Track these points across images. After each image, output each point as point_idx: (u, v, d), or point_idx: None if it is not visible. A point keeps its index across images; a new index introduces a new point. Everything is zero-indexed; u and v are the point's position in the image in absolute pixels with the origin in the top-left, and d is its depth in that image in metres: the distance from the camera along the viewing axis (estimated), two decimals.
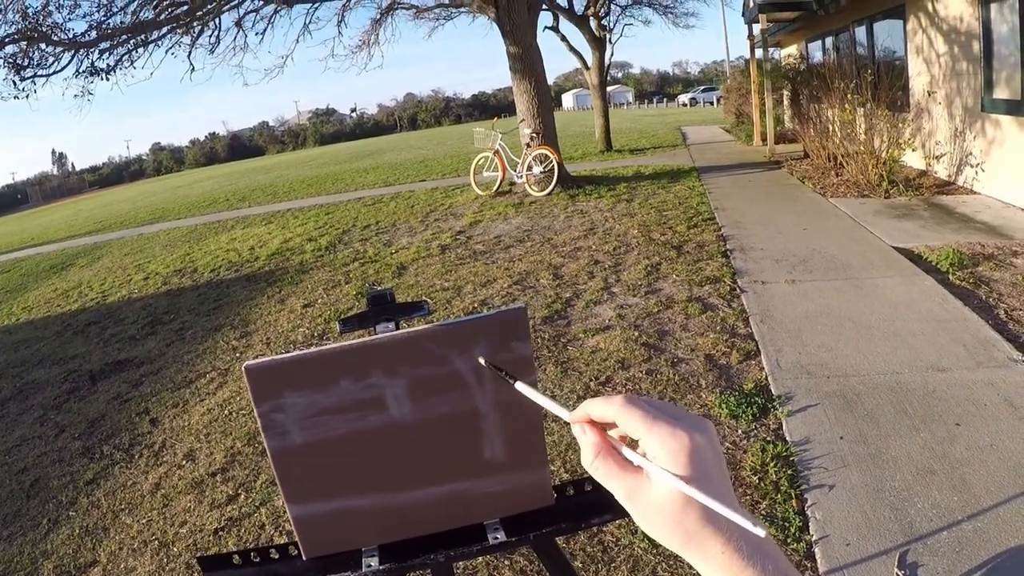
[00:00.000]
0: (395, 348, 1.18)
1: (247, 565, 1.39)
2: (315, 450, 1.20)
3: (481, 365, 1.19)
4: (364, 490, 1.25)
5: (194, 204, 23.83)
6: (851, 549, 2.98)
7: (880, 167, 10.04)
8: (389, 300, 1.28)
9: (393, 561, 1.29)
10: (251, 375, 1.15)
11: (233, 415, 5.40)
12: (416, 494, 1.27)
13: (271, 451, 1.20)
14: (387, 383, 1.19)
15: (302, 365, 1.16)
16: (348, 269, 9.51)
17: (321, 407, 1.18)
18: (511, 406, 1.24)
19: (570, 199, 12.41)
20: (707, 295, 6.31)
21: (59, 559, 3.96)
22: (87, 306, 10.20)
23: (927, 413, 3.93)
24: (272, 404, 1.17)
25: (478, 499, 1.30)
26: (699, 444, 0.61)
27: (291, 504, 1.24)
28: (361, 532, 1.29)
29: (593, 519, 1.36)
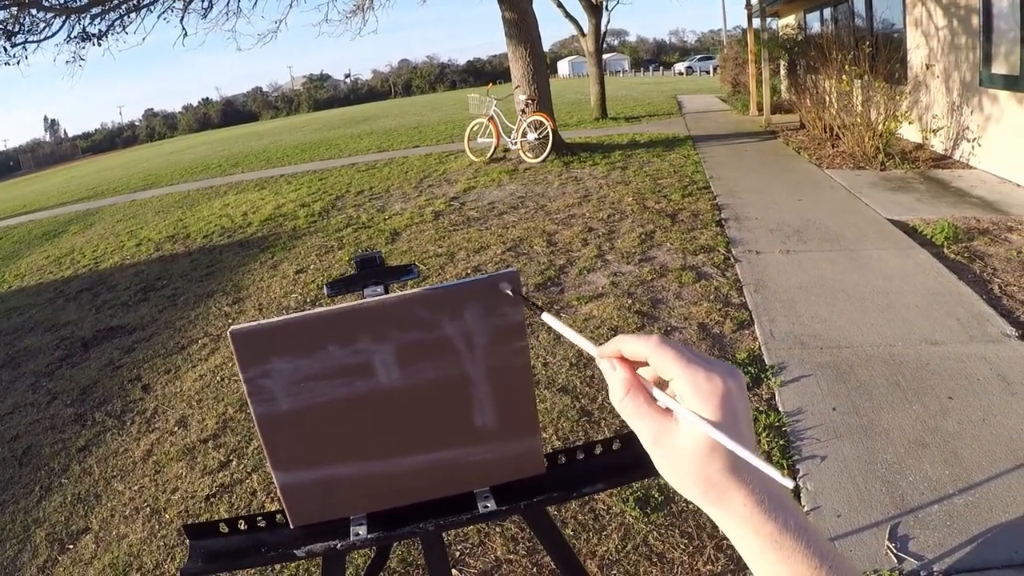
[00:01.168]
0: (384, 313, 1.15)
1: (234, 533, 1.38)
2: (302, 417, 1.18)
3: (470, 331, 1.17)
4: (352, 458, 1.23)
5: (187, 170, 23.69)
6: (842, 521, 2.98)
7: (876, 139, 10.01)
8: (378, 263, 1.26)
9: (381, 530, 1.28)
10: (237, 340, 1.13)
11: (225, 381, 5.39)
12: (405, 462, 1.25)
13: (257, 418, 1.18)
14: (375, 348, 1.16)
15: (289, 330, 1.13)
16: (341, 235, 9.47)
17: (308, 373, 1.16)
18: (502, 372, 1.22)
19: (565, 166, 12.36)
20: (701, 264, 6.29)
21: (51, 526, 3.97)
22: (79, 273, 10.15)
23: (920, 386, 3.93)
24: (258, 370, 1.15)
25: (468, 467, 1.28)
26: (731, 390, 0.60)
27: (277, 472, 1.22)
28: (349, 500, 1.28)
29: (584, 488, 1.35)
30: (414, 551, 3.21)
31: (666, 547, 3.01)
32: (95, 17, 13.06)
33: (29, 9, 12.26)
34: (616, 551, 3.02)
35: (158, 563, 3.47)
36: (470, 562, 3.11)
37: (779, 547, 0.58)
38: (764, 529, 0.58)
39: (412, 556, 3.18)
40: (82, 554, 3.67)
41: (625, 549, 3.02)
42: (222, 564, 1.35)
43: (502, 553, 3.12)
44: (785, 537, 0.58)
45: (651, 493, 3.34)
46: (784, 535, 0.58)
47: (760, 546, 0.59)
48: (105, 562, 3.55)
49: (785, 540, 0.58)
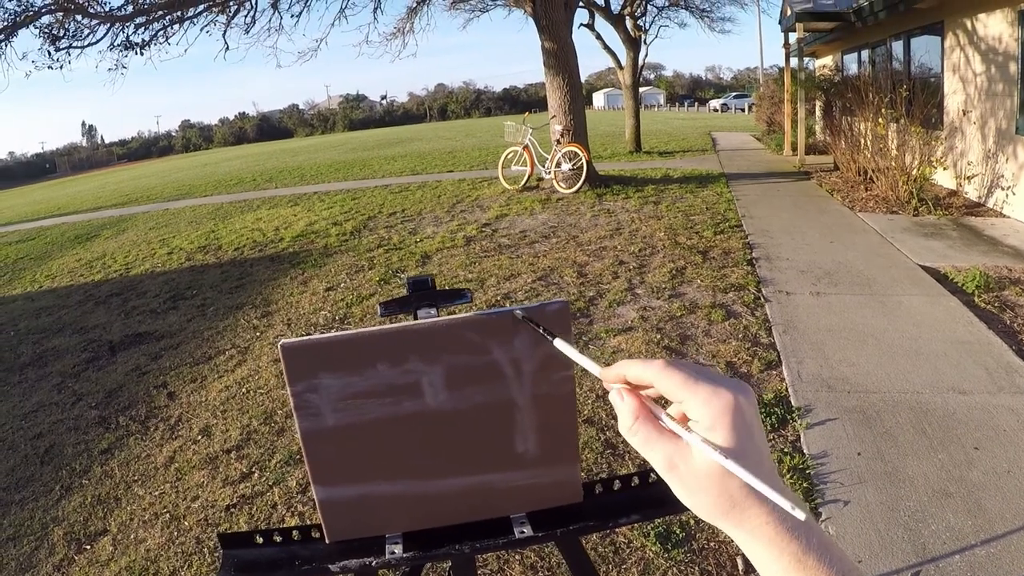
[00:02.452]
0: (435, 335, 1.16)
1: (268, 545, 1.38)
2: (346, 433, 1.19)
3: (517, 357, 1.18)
4: (392, 476, 1.24)
5: (221, 182, 23.94)
6: (863, 567, 2.95)
7: (910, 184, 9.96)
8: (430, 286, 1.27)
9: (417, 549, 1.28)
10: (287, 354, 1.14)
11: (251, 393, 5.42)
12: (445, 483, 1.26)
13: (302, 432, 1.19)
14: (424, 369, 1.17)
15: (339, 346, 1.15)
16: (372, 255, 9.52)
17: (356, 390, 1.17)
18: (547, 400, 1.22)
19: (597, 198, 12.38)
20: (731, 302, 6.28)
21: (69, 526, 4.00)
22: (110, 277, 10.27)
23: (946, 435, 3.90)
24: (306, 384, 1.16)
25: (506, 492, 1.28)
26: (742, 405, 0.60)
27: (318, 486, 1.23)
28: (386, 518, 1.28)
29: (621, 519, 1.34)
30: (432, 574, 3.20)
31: None
32: (139, 26, 13.24)
33: (75, 15, 12.47)
34: None
35: (175, 570, 3.49)
36: None
37: (803, 567, 0.57)
38: (788, 548, 0.58)
39: None
40: (99, 555, 3.69)
41: None
42: (255, 575, 1.36)
43: None
44: (809, 557, 0.57)
45: (672, 528, 3.32)
46: (808, 555, 0.57)
47: (783, 566, 0.58)
48: (122, 565, 3.57)
49: (809, 560, 0.57)
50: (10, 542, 3.92)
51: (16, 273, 11.79)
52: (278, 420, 4.92)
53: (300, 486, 4.06)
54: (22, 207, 27.07)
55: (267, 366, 5.91)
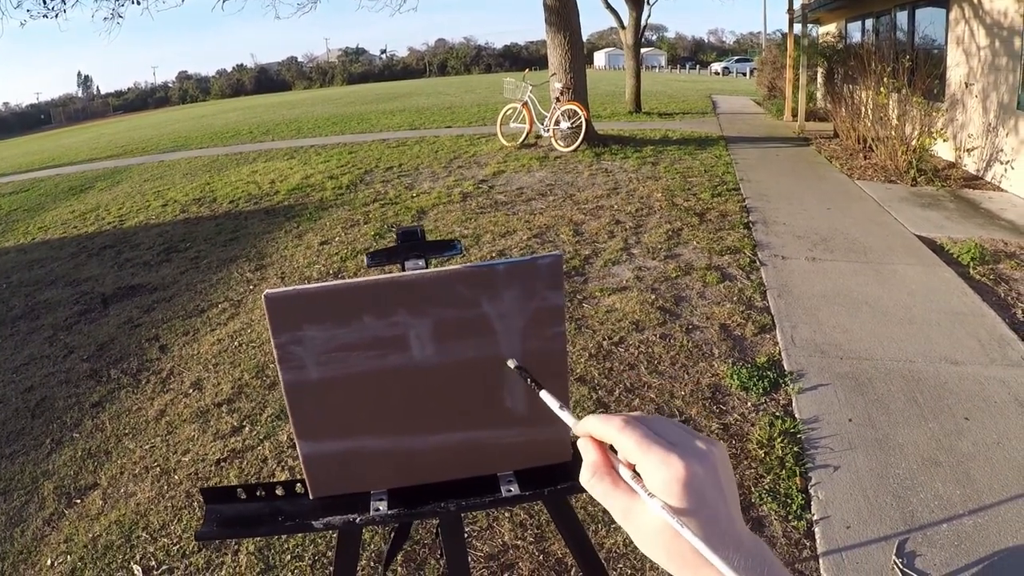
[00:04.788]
0: (423, 287, 1.14)
1: (251, 500, 1.37)
2: (331, 387, 1.17)
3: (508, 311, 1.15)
4: (378, 432, 1.22)
5: (217, 134, 23.73)
6: (851, 532, 2.97)
7: (909, 154, 9.91)
8: (419, 237, 1.24)
9: (402, 507, 1.27)
10: (271, 304, 1.11)
11: (243, 347, 5.41)
12: (431, 439, 1.24)
13: (285, 385, 1.17)
14: (411, 322, 1.15)
15: (324, 297, 1.12)
16: (368, 209, 9.47)
17: (341, 342, 1.14)
18: (537, 356, 1.20)
19: (595, 157, 12.30)
20: (726, 265, 6.26)
21: (60, 479, 3.99)
22: (104, 229, 10.21)
23: (937, 404, 3.90)
24: (290, 336, 1.14)
25: (494, 449, 1.27)
26: (695, 473, 0.59)
27: (301, 441, 1.21)
28: (371, 474, 1.27)
29: None
30: (421, 530, 3.21)
31: None
32: None
33: None
34: (624, 545, 3.02)
35: (165, 523, 3.49)
36: (477, 545, 3.11)
37: None
38: None
39: (419, 535, 3.19)
40: (89, 509, 3.69)
41: (631, 544, 3.01)
42: (237, 530, 1.35)
43: (510, 538, 3.12)
44: None
45: None
46: None
47: None
48: (112, 519, 3.57)
49: None
50: (0, 496, 3.92)
51: (9, 225, 11.70)
52: (270, 374, 4.91)
53: (291, 441, 4.05)
54: (16, 158, 26.82)
55: (260, 319, 5.89)
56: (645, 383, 4.35)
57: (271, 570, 3.08)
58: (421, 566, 3.03)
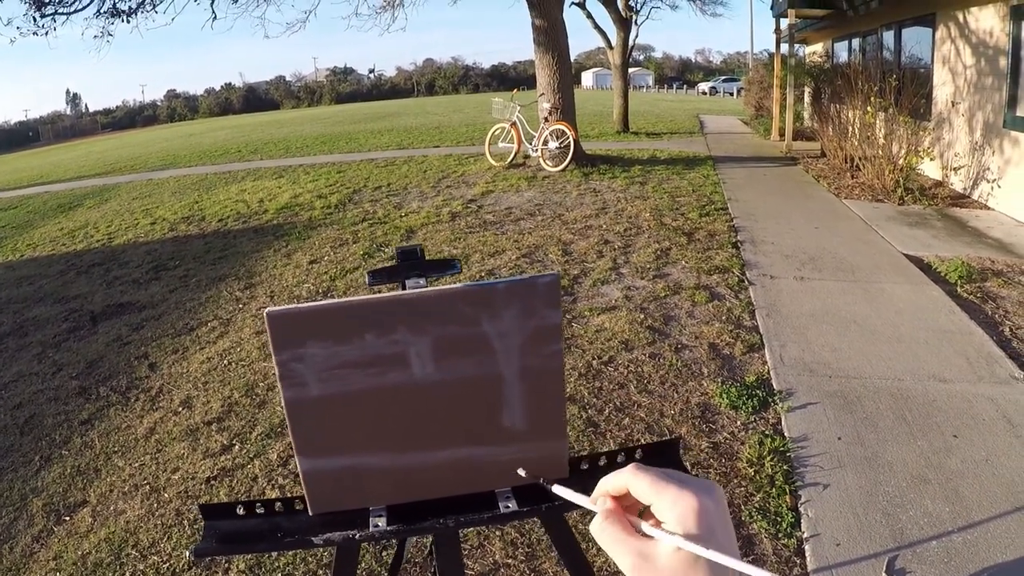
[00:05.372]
0: (423, 305, 1.15)
1: (250, 516, 1.37)
2: (332, 404, 1.18)
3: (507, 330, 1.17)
4: (377, 448, 1.23)
5: (206, 153, 23.73)
6: (841, 550, 2.98)
7: (896, 173, 9.98)
8: (419, 256, 1.26)
9: (401, 523, 1.27)
10: (273, 321, 1.12)
11: (232, 365, 5.40)
12: (430, 456, 1.25)
13: (286, 401, 1.18)
14: (412, 340, 1.16)
15: (326, 315, 1.13)
16: (356, 229, 9.48)
17: (342, 360, 1.15)
18: (535, 374, 1.21)
19: (584, 177, 12.35)
20: (715, 284, 6.29)
21: (49, 497, 3.98)
22: (92, 247, 10.19)
23: (925, 422, 3.92)
24: (292, 353, 1.15)
25: (492, 466, 1.27)
26: (706, 506, 0.62)
27: (301, 457, 1.22)
28: (370, 491, 1.27)
29: None
30: (412, 548, 3.20)
31: None
32: None
33: None
34: (613, 565, 3.01)
35: (154, 541, 3.47)
36: (469, 563, 3.11)
37: None
38: None
39: (409, 554, 3.18)
40: (78, 527, 3.68)
41: None
42: (236, 546, 1.35)
43: (500, 557, 3.12)
44: None
45: None
46: None
47: None
48: (101, 536, 3.56)
49: None
50: None
51: None
52: (259, 393, 4.91)
53: (281, 459, 4.05)
54: (4, 175, 26.73)
55: (249, 338, 5.88)
56: (635, 402, 4.37)
57: None
58: None
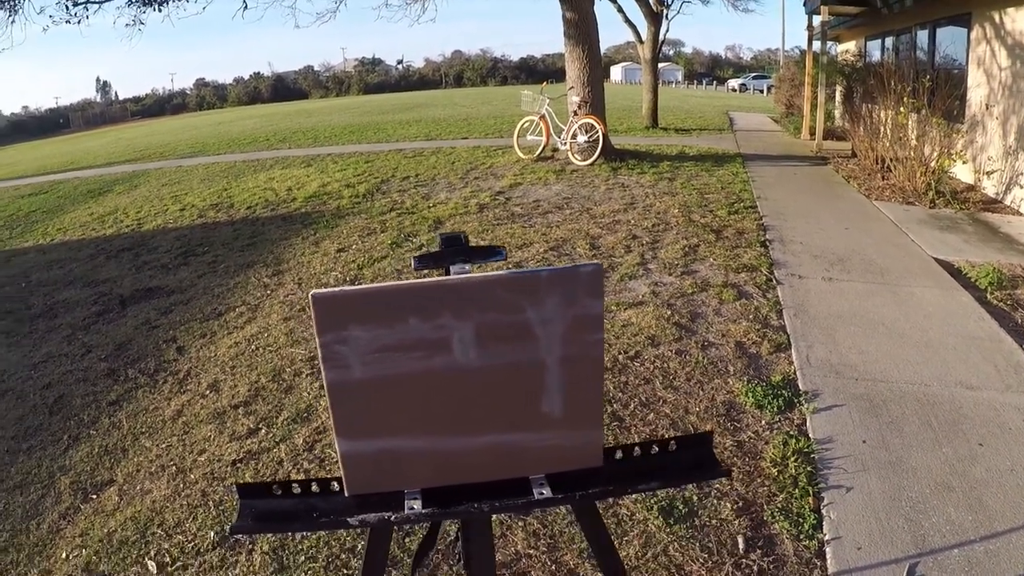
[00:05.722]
0: (468, 291, 1.16)
1: (286, 496, 1.39)
2: (373, 386, 1.19)
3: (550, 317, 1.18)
4: (417, 432, 1.24)
5: (234, 141, 23.85)
6: (862, 553, 2.96)
7: (928, 176, 9.87)
8: (463, 242, 1.27)
9: (436, 506, 1.29)
10: (318, 304, 1.14)
11: (260, 351, 5.44)
12: (468, 441, 1.26)
13: (328, 383, 1.19)
14: (455, 325, 1.17)
15: (371, 298, 1.14)
16: (384, 218, 9.51)
17: (385, 343, 1.17)
18: (576, 362, 1.22)
19: (612, 171, 12.31)
20: (743, 283, 6.26)
21: (76, 475, 4.04)
22: (122, 232, 10.29)
23: (951, 429, 3.88)
24: (335, 335, 1.16)
25: (528, 452, 1.28)
26: None
27: (341, 439, 1.23)
28: (408, 474, 1.29)
29: (640, 485, 1.35)
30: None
31: (685, 559, 3.00)
32: None
33: None
34: (635, 558, 3.02)
35: (180, 521, 3.52)
36: None
37: None
38: None
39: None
40: (105, 505, 3.73)
41: (644, 557, 3.02)
42: (272, 525, 1.37)
43: (523, 547, 3.13)
44: None
45: (676, 504, 3.34)
46: None
47: None
48: (127, 515, 3.61)
49: None
50: (17, 490, 3.97)
51: (28, 226, 11.80)
52: (286, 378, 4.95)
53: (306, 444, 4.08)
54: (35, 161, 26.99)
55: (277, 324, 5.93)
56: (660, 398, 4.36)
57: (285, 570, 3.10)
58: (434, 572, 3.05)
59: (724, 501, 3.36)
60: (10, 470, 4.18)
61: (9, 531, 3.61)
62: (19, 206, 13.99)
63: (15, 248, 10.22)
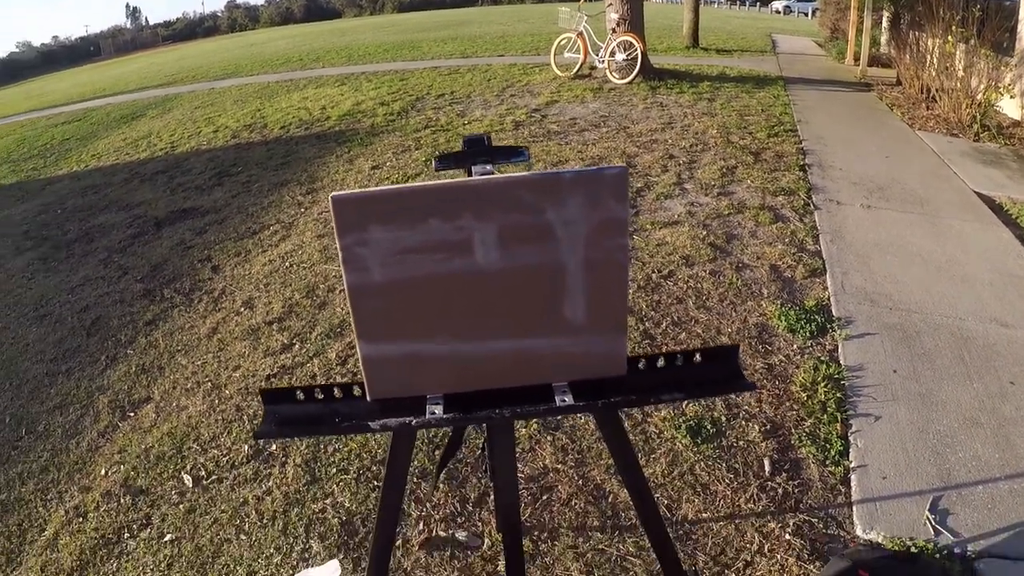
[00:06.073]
0: (489, 191, 1.14)
1: (309, 401, 1.40)
2: (394, 289, 1.18)
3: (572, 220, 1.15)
4: (438, 336, 1.23)
5: (267, 62, 23.64)
6: (887, 483, 2.96)
7: (974, 108, 9.57)
8: (487, 143, 1.24)
9: (457, 411, 1.28)
10: (338, 205, 1.13)
11: (294, 267, 5.48)
12: (490, 345, 1.25)
13: (349, 286, 1.18)
14: (476, 227, 1.15)
15: (391, 199, 1.13)
16: (419, 135, 9.44)
17: (406, 245, 1.15)
18: (599, 267, 1.20)
19: (650, 90, 12.06)
20: (780, 206, 6.15)
21: (114, 394, 4.14)
22: (155, 155, 10.31)
23: (983, 365, 3.83)
24: (356, 237, 1.15)
25: (551, 358, 1.27)
26: None
27: (362, 342, 1.23)
28: (429, 378, 1.28)
29: (663, 395, 1.33)
30: (464, 449, 3.26)
31: (711, 479, 3.02)
32: None
33: None
34: (661, 475, 3.04)
35: (215, 435, 3.59)
36: (519, 467, 3.16)
37: None
38: None
39: (461, 453, 3.24)
40: (142, 422, 3.82)
41: (671, 475, 3.05)
42: (295, 429, 1.38)
43: (551, 462, 3.17)
44: None
45: (704, 423, 3.34)
46: None
47: None
48: (164, 431, 3.69)
49: None
50: (57, 410, 4.08)
51: (62, 154, 11.84)
52: (320, 294, 4.99)
53: (340, 358, 4.13)
54: (68, 90, 26.90)
55: (311, 241, 5.95)
56: (692, 318, 4.35)
57: (317, 482, 3.17)
58: (463, 484, 3.09)
59: (752, 423, 3.36)
60: (49, 391, 4.29)
61: (50, 450, 3.72)
62: (52, 135, 14.03)
63: (50, 176, 10.28)
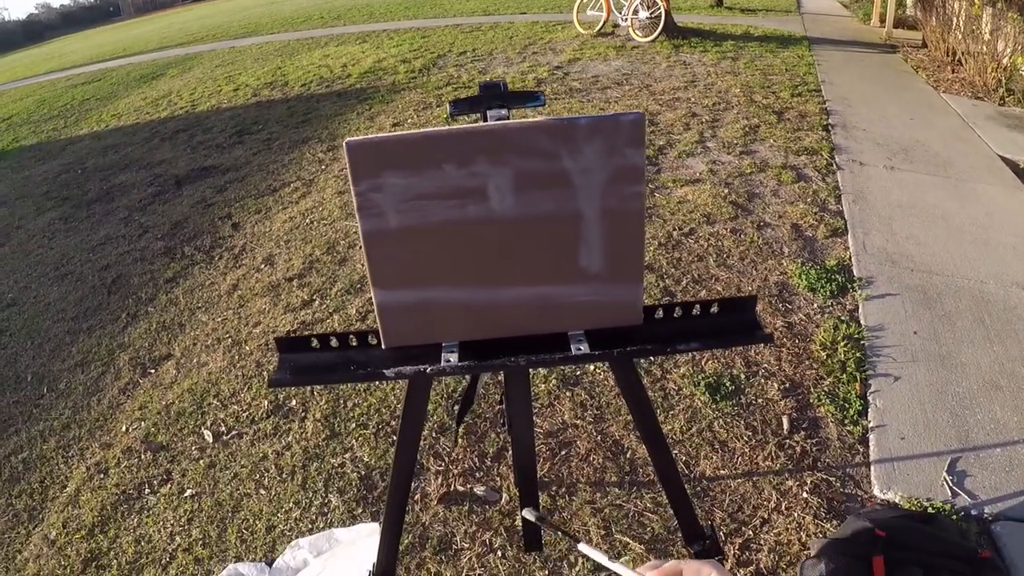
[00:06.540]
0: (504, 136, 1.12)
1: (324, 350, 1.40)
2: (409, 235, 1.18)
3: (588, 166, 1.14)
4: (453, 283, 1.23)
5: (288, 20, 23.50)
6: (905, 444, 2.96)
7: (1000, 72, 9.41)
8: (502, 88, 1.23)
9: (472, 359, 1.28)
10: (352, 151, 1.12)
11: (315, 224, 5.49)
12: (505, 293, 1.25)
13: (363, 233, 1.18)
14: (491, 173, 1.14)
15: (406, 145, 1.12)
16: (440, 92, 9.37)
17: (421, 191, 1.15)
18: (615, 214, 1.19)
19: (674, 49, 11.91)
20: (802, 165, 6.09)
21: (135, 351, 4.18)
22: (176, 114, 10.29)
23: (1004, 328, 3.79)
24: (370, 183, 1.14)
25: (566, 307, 1.27)
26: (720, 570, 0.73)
27: (377, 289, 1.23)
28: (444, 326, 1.28)
29: (679, 345, 1.32)
30: (483, 404, 3.28)
31: (729, 436, 3.02)
32: None
33: None
34: (680, 432, 3.05)
35: (235, 391, 3.63)
36: (537, 422, 3.17)
37: None
38: None
39: (480, 408, 3.26)
40: (163, 379, 3.86)
41: (689, 431, 3.05)
42: (310, 377, 1.39)
43: (569, 417, 3.18)
44: None
45: (723, 381, 3.34)
46: None
47: None
48: (184, 387, 3.73)
49: None
50: (79, 367, 4.12)
51: (83, 114, 11.82)
52: (340, 250, 5.00)
53: (360, 314, 4.15)
54: (87, 50, 26.75)
55: (331, 198, 5.96)
56: (712, 275, 4.33)
57: (336, 437, 3.20)
58: (482, 439, 3.11)
59: (771, 381, 3.35)
60: (71, 349, 4.33)
61: (71, 408, 3.77)
62: (73, 95, 14.01)
63: (71, 136, 10.27)
